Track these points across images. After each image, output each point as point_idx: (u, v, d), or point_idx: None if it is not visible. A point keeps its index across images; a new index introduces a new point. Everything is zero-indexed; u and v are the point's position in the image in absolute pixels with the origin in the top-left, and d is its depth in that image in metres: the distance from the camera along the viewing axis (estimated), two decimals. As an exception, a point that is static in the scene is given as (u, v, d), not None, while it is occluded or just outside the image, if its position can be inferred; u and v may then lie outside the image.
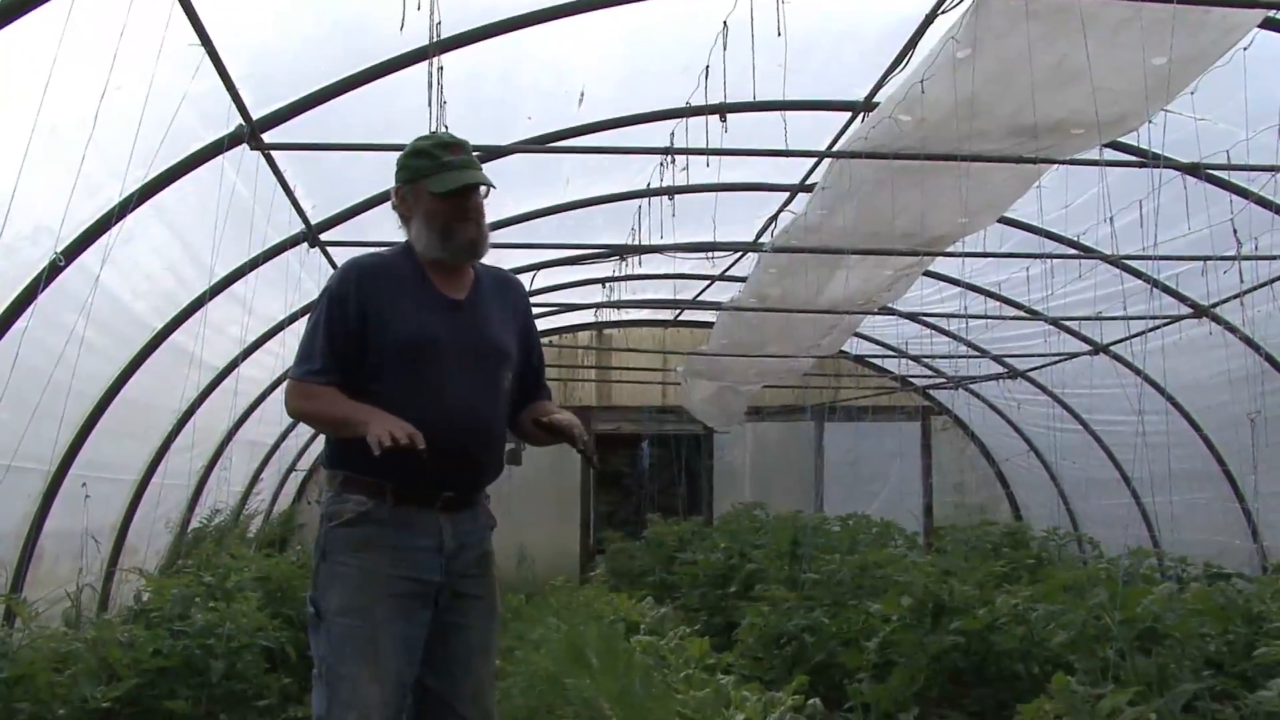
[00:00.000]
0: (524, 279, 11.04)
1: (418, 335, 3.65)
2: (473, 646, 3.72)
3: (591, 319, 14.61)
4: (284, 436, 12.29)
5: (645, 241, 10.76)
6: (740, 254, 11.30)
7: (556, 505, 15.31)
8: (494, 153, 7.09)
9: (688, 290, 13.04)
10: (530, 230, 9.59)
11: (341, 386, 3.62)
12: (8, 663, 4.58)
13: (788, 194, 9.14)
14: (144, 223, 6.67)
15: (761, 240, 9.75)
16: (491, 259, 3.97)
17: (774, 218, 9.56)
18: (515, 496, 13.03)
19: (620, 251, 11.47)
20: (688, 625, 8.27)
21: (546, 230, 9.84)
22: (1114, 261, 9.62)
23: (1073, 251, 9.61)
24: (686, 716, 5.26)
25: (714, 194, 8.66)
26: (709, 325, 15.10)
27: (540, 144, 7.72)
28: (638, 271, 11.96)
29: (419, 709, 3.66)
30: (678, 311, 13.86)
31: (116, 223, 6.03)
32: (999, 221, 8.50)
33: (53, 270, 5.88)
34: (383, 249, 3.96)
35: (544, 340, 13.98)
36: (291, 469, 13.47)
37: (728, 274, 12.13)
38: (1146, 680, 3.86)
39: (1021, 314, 11.24)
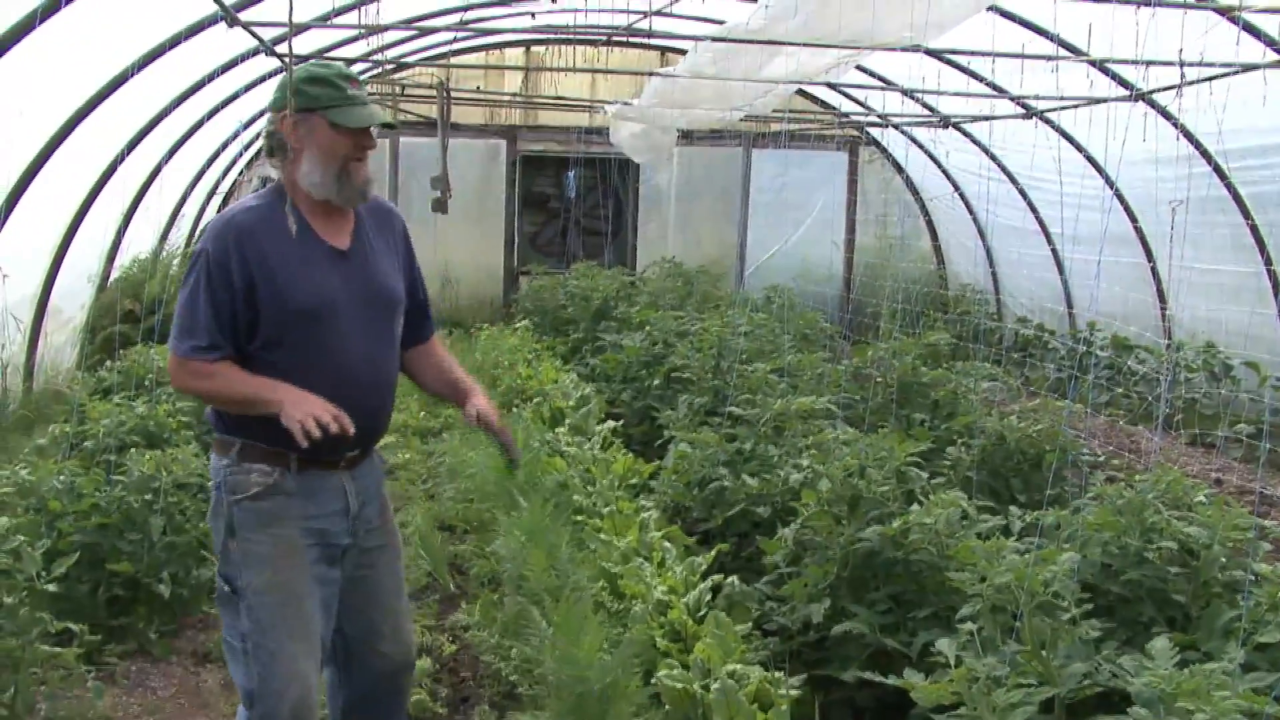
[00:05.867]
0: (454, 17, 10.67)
1: (313, 299, 3.45)
2: (385, 589, 3.76)
3: (520, 38, 14.19)
4: (206, 166, 12.04)
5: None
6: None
7: (480, 225, 15.21)
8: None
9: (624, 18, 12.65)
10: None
11: (233, 358, 3.43)
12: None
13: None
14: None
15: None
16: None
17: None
18: (440, 216, 13.06)
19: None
20: (611, 416, 8.53)
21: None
22: (1056, 40, 9.60)
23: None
24: (610, 575, 5.54)
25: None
26: (643, 47, 14.78)
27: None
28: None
29: (343, 654, 3.74)
30: (610, 32, 13.45)
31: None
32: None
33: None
34: (250, 197, 3.60)
35: (472, 59, 13.81)
36: (212, 193, 13.23)
37: (664, 11, 11.80)
38: (1041, 641, 4.14)
39: (972, 78, 11.16)
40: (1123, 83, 9.93)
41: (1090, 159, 11.42)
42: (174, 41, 7.71)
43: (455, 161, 14.04)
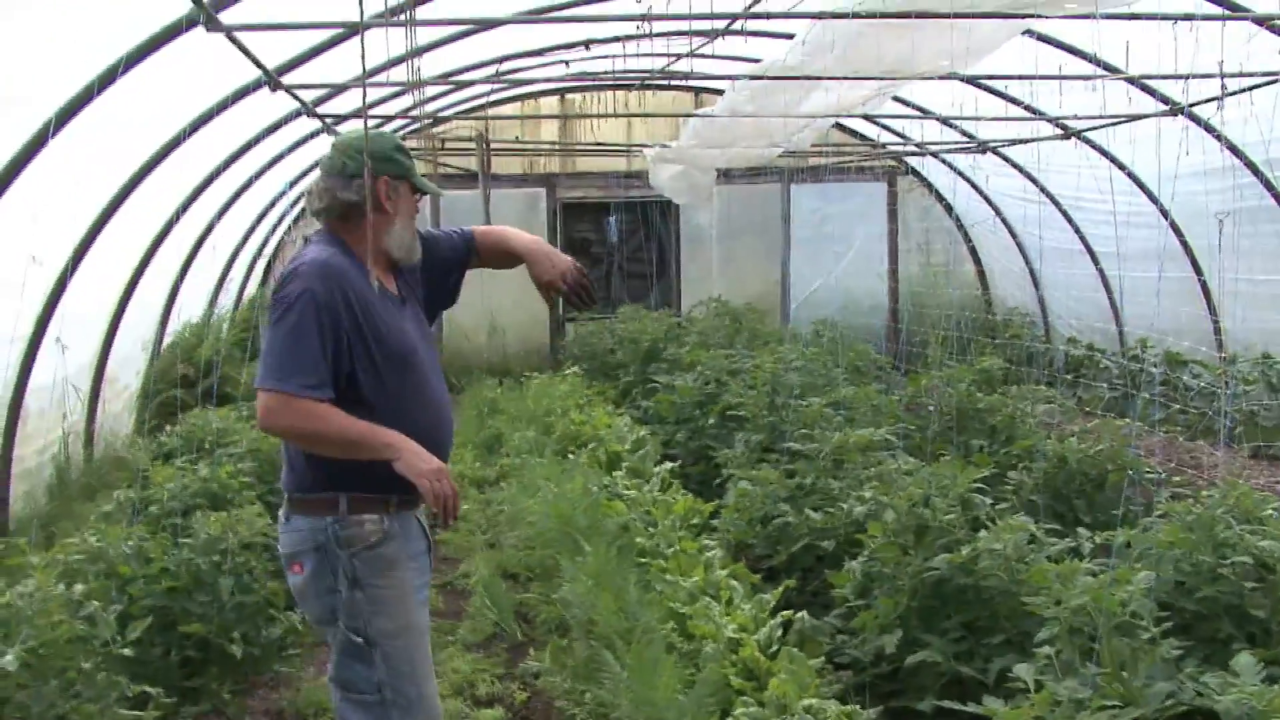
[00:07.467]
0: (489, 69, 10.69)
1: (405, 345, 3.58)
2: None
3: (555, 86, 14.29)
4: (253, 227, 12.19)
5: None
6: (708, 40, 11.06)
7: (524, 274, 15.15)
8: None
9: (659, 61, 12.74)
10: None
11: (334, 400, 3.43)
12: (32, 628, 4.62)
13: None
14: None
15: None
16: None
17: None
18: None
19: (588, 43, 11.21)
20: (667, 458, 8.51)
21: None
22: (1094, 60, 9.58)
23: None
24: (678, 615, 5.52)
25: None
26: (679, 89, 14.87)
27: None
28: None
29: None
30: (645, 76, 13.54)
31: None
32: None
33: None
34: (316, 248, 3.59)
35: (509, 109, 13.84)
36: (258, 256, 13.40)
37: (699, 53, 11.88)
38: (1121, 661, 4.10)
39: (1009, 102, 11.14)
40: (1163, 98, 9.89)
41: (1133, 176, 11.36)
42: (220, 107, 7.82)
43: (496, 212, 14.17)
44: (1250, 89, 8.87)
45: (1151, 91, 9.94)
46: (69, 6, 5.77)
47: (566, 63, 12.38)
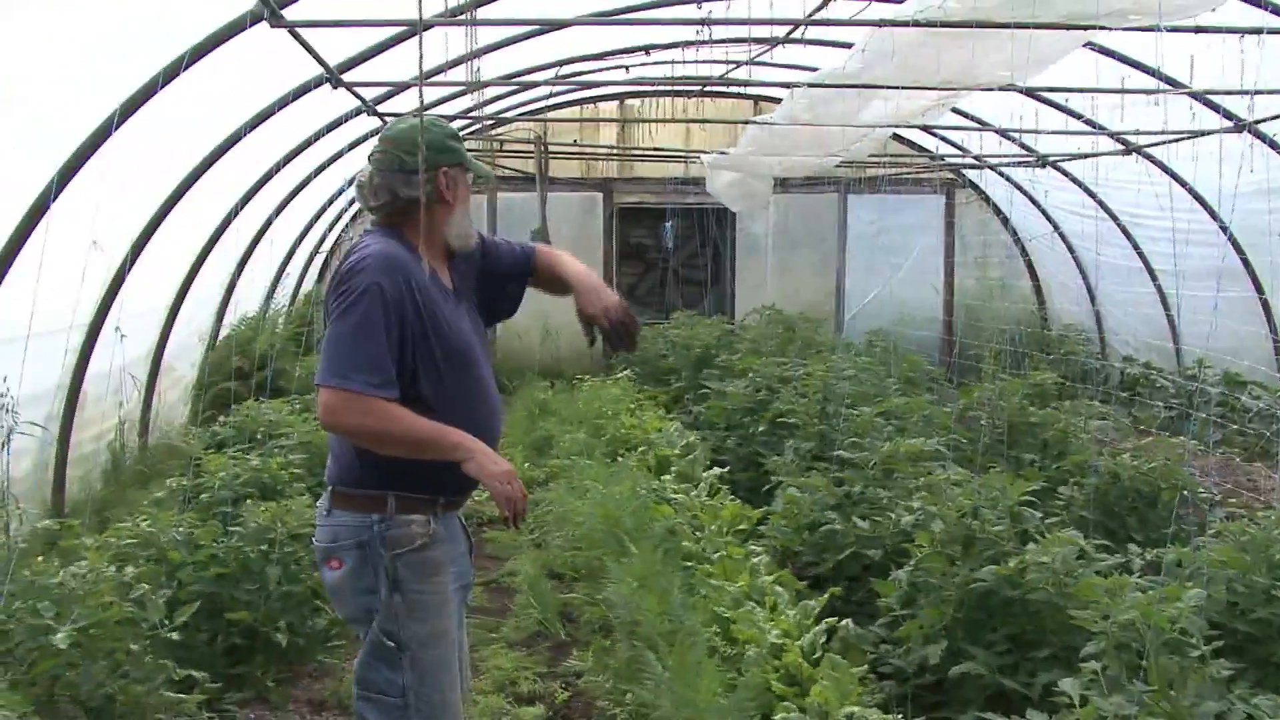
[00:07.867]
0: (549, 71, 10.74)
1: (464, 342, 3.48)
2: (463, 622, 3.72)
3: (614, 90, 14.31)
4: (310, 225, 12.30)
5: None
6: (768, 48, 11.04)
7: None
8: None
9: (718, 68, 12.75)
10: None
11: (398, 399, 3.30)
12: (83, 609, 4.68)
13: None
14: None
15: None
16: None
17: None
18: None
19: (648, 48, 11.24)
20: (717, 464, 8.48)
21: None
22: (1157, 74, 9.48)
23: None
24: (722, 619, 5.51)
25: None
26: (737, 96, 14.85)
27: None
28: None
29: None
30: (704, 82, 13.54)
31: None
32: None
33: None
34: (375, 240, 3.45)
35: (567, 113, 13.89)
36: (315, 252, 13.52)
37: (758, 60, 11.87)
38: (1169, 679, 4.05)
39: (1070, 116, 11.05)
40: (1227, 114, 9.75)
41: (1194, 193, 11.23)
42: (281, 104, 7.88)
43: (552, 214, 14.23)
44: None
45: (1215, 107, 9.79)
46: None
47: (626, 67, 12.43)
